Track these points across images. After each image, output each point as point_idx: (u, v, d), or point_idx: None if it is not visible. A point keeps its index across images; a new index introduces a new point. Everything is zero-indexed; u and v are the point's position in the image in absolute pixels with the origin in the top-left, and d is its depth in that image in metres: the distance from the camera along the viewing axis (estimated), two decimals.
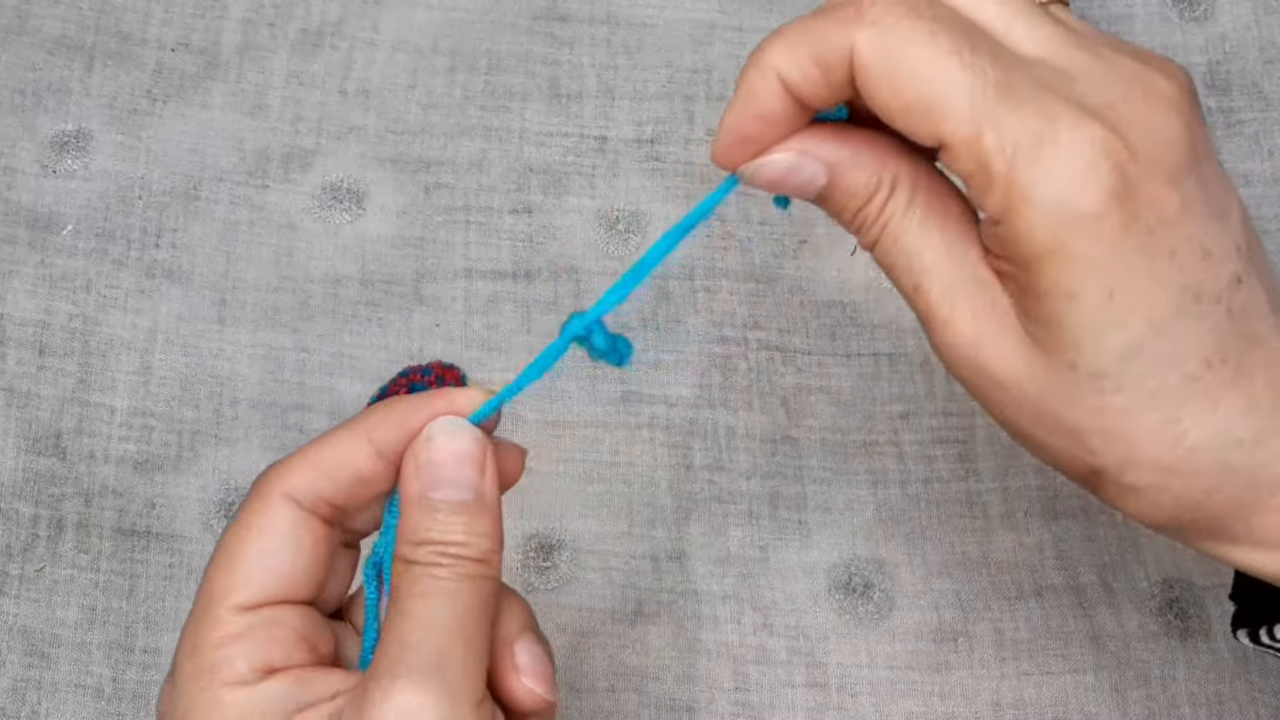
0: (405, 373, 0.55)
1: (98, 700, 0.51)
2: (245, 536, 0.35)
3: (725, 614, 0.53)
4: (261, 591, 0.34)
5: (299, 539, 0.35)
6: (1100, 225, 0.30)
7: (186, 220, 0.60)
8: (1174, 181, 0.31)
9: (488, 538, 0.34)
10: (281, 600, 0.34)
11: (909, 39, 0.31)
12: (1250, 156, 0.61)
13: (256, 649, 0.33)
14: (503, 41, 0.63)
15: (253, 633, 0.34)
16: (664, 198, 0.60)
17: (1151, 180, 0.31)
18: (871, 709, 0.51)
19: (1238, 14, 0.64)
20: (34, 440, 0.55)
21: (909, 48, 0.31)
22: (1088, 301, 0.30)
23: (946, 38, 0.31)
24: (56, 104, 0.62)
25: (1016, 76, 0.31)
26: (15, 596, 0.53)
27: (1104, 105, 0.31)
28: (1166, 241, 0.31)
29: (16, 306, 0.58)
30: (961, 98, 0.30)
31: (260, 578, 0.34)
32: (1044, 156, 0.30)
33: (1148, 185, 0.31)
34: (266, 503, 0.35)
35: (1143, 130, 0.31)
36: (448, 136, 0.61)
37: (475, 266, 0.59)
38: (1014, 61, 0.31)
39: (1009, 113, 0.30)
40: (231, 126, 0.61)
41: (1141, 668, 0.52)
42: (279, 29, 0.64)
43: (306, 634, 0.35)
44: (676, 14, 0.64)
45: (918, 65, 0.31)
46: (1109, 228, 0.30)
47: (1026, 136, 0.30)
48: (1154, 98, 0.32)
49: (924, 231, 0.33)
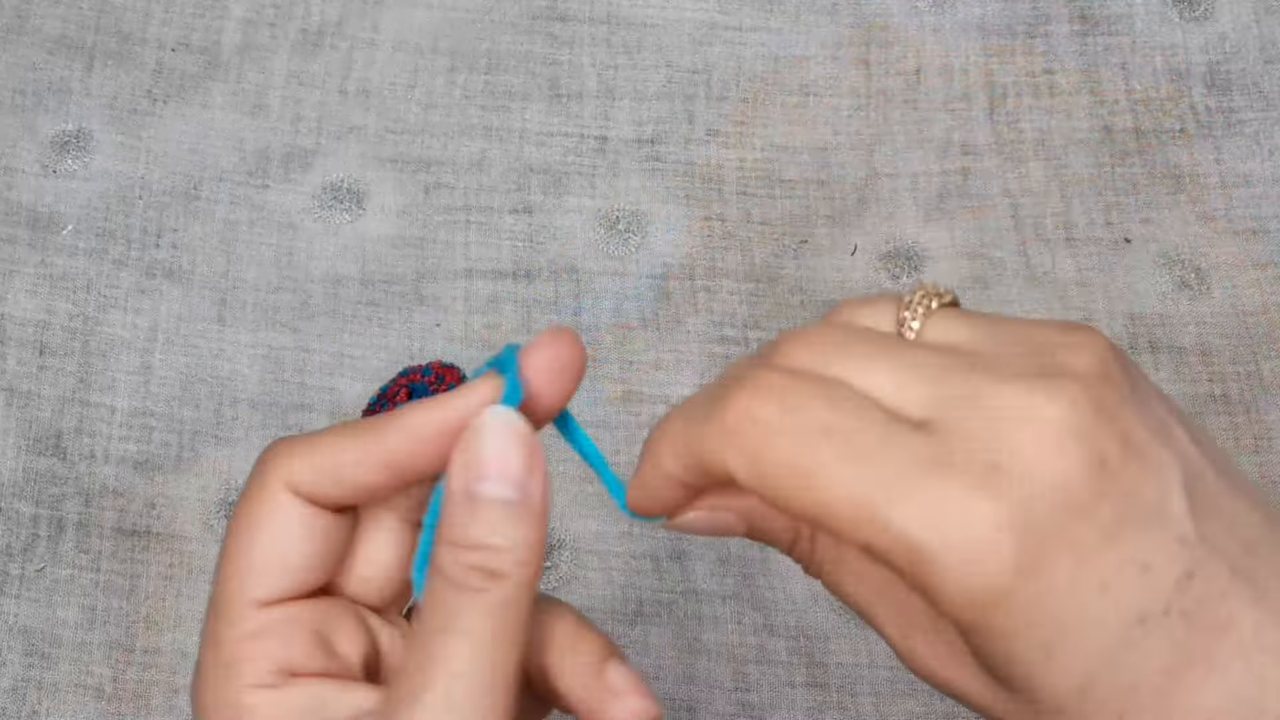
0: (405, 373, 0.55)
1: (98, 700, 0.51)
2: (254, 527, 0.34)
3: (725, 614, 0.53)
4: (277, 587, 0.33)
5: (307, 530, 0.34)
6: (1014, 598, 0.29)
7: (187, 220, 0.60)
8: (1086, 514, 0.29)
9: (526, 546, 0.32)
10: (298, 595, 0.34)
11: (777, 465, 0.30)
12: (1250, 156, 0.61)
13: (276, 649, 0.33)
14: (503, 41, 0.63)
15: (272, 631, 0.33)
16: (664, 198, 0.60)
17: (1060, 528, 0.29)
18: (871, 709, 0.51)
19: (1238, 14, 0.64)
20: (34, 440, 0.55)
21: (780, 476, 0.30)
22: (1026, 663, 0.30)
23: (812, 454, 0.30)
24: (57, 104, 0.62)
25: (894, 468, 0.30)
26: (15, 596, 0.53)
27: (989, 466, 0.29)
28: (1094, 578, 0.29)
29: (17, 306, 0.58)
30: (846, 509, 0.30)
31: (274, 572, 0.33)
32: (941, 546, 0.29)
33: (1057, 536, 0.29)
34: (271, 494, 0.34)
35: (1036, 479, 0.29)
36: (448, 136, 0.61)
37: (475, 266, 0.59)
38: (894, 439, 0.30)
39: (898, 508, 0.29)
40: (232, 126, 0.61)
41: None
42: (279, 29, 0.64)
43: (326, 633, 0.34)
44: (676, 14, 0.64)
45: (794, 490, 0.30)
46: (1026, 596, 0.29)
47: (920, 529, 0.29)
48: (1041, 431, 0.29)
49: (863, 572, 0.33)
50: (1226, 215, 0.60)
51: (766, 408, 0.31)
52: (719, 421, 0.31)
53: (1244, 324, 0.58)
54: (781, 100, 0.62)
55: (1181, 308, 0.58)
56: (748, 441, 0.31)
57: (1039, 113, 0.62)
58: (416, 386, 0.54)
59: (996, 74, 0.63)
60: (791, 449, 0.30)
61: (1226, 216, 0.60)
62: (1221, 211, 0.60)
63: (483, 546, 0.32)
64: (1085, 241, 0.59)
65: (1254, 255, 0.59)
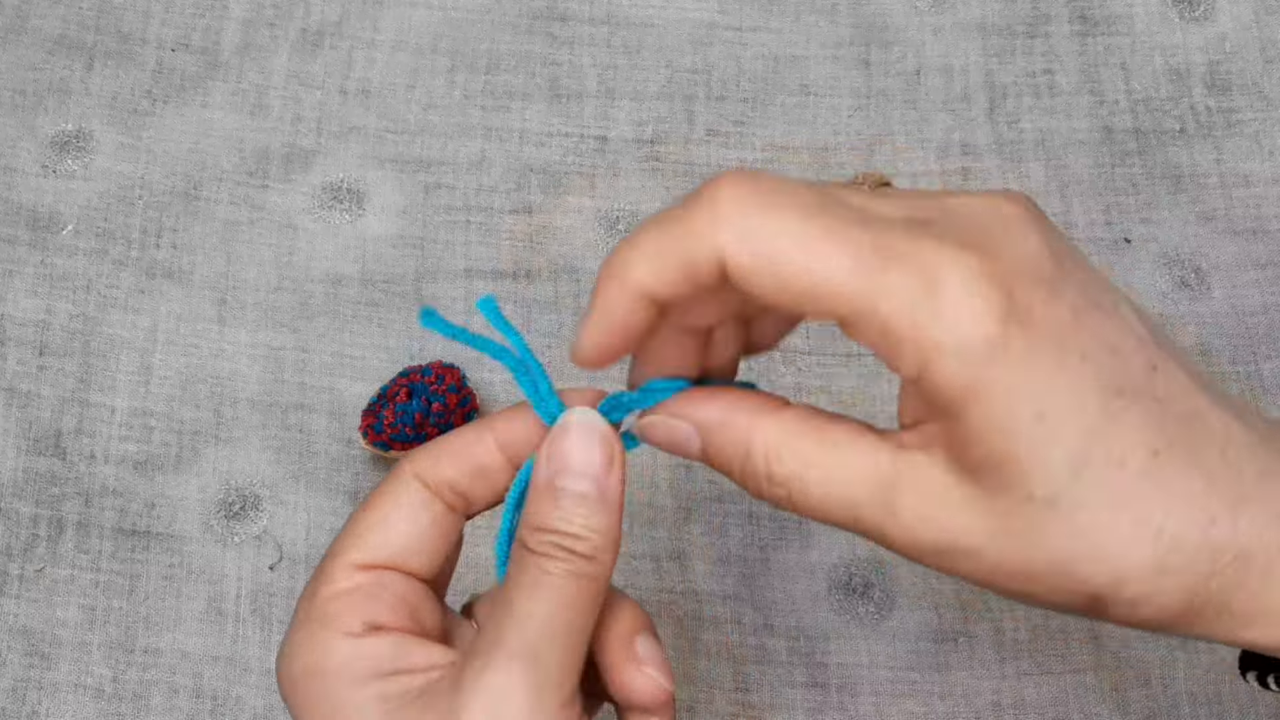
0: (405, 373, 0.55)
1: (98, 700, 0.51)
2: (372, 504, 0.37)
3: (725, 614, 0.53)
4: (375, 554, 0.36)
5: (419, 514, 0.37)
6: (1007, 349, 0.30)
7: (186, 220, 0.60)
8: (1055, 291, 0.31)
9: (600, 534, 0.35)
10: (392, 566, 0.37)
11: (775, 234, 0.31)
12: (1250, 156, 0.61)
13: (365, 605, 0.36)
14: (503, 41, 0.63)
15: (362, 590, 0.36)
16: (664, 198, 0.60)
17: (1036, 293, 0.31)
18: (871, 709, 0.51)
19: (1238, 14, 0.64)
20: (34, 440, 0.55)
21: (778, 242, 0.31)
22: (1020, 428, 0.30)
23: (810, 220, 0.31)
24: (57, 104, 0.62)
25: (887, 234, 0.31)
26: (15, 596, 0.53)
27: (968, 238, 0.31)
28: (1074, 347, 0.31)
29: (17, 306, 0.58)
30: (845, 276, 0.31)
31: (376, 541, 0.37)
32: (937, 301, 0.30)
33: (1036, 300, 0.31)
34: (398, 478, 0.37)
35: (1010, 249, 0.31)
36: (448, 136, 0.61)
37: (475, 266, 0.59)
38: (878, 219, 0.31)
39: (893, 273, 0.30)
40: (231, 126, 0.61)
41: (1141, 668, 0.52)
42: (279, 29, 0.64)
43: (411, 602, 0.37)
44: (676, 14, 0.64)
45: (792, 257, 0.31)
46: (1016, 349, 0.30)
47: (917, 289, 0.30)
48: (1006, 220, 0.32)
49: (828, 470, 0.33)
50: (1226, 215, 0.60)
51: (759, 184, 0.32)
52: (708, 208, 0.32)
53: (1244, 324, 0.58)
54: (781, 100, 0.62)
55: (1181, 308, 0.58)
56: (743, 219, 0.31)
57: (1039, 113, 0.62)
58: (416, 386, 0.54)
59: (996, 74, 0.63)
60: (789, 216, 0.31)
61: (1226, 216, 0.60)
62: (1221, 211, 0.60)
63: (562, 533, 0.35)
64: (1085, 241, 0.59)
65: (1254, 255, 0.59)
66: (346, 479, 0.55)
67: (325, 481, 0.55)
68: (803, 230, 0.31)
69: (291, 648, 0.36)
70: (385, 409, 0.53)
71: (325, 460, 0.55)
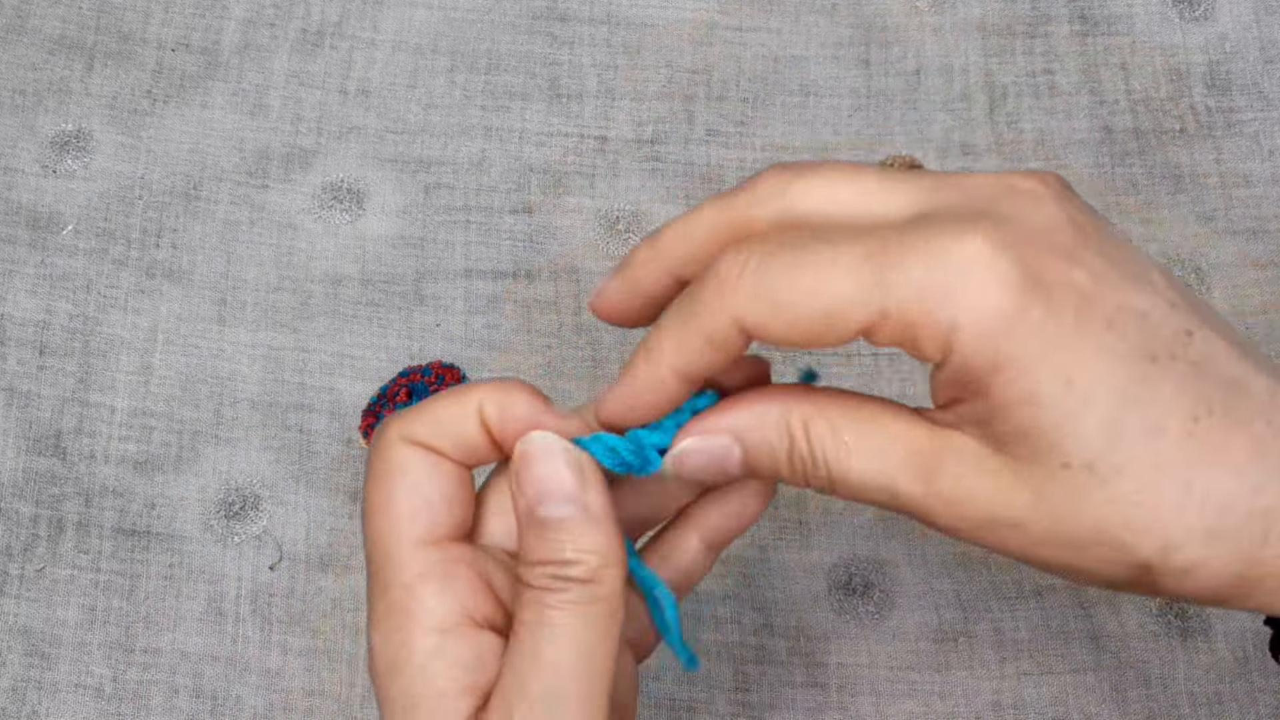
0: (405, 373, 0.55)
1: (98, 700, 0.51)
2: (389, 477, 0.35)
3: (725, 614, 0.53)
4: (429, 525, 0.35)
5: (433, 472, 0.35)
6: (1026, 319, 0.30)
7: (186, 220, 0.60)
8: (1073, 258, 0.31)
9: (595, 553, 0.33)
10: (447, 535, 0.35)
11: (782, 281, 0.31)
12: (1250, 156, 0.61)
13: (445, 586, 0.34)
14: (503, 41, 0.63)
15: (436, 571, 0.34)
16: (664, 198, 0.60)
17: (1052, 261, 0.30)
18: (871, 709, 0.51)
19: (1238, 14, 0.64)
20: (34, 440, 0.55)
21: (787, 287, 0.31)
22: (1049, 397, 0.30)
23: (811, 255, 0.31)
24: (56, 104, 0.62)
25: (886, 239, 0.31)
26: (15, 596, 0.53)
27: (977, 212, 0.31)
28: (1098, 315, 0.30)
29: (16, 306, 0.58)
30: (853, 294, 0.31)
31: (421, 512, 0.35)
32: (948, 281, 0.30)
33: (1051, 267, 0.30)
34: (393, 447, 0.35)
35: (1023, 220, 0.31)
36: (448, 136, 0.61)
37: (475, 266, 0.59)
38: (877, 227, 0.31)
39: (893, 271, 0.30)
40: (231, 126, 0.61)
41: (1141, 668, 0.52)
42: (279, 29, 0.64)
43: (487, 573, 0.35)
44: (676, 14, 0.64)
45: (801, 296, 0.31)
46: (1036, 318, 0.30)
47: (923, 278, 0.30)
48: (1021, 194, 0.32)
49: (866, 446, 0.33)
50: (1226, 215, 0.60)
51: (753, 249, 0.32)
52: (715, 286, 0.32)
53: (1244, 324, 0.58)
54: (781, 100, 0.62)
55: None
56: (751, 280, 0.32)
57: (1039, 113, 0.62)
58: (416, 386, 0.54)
59: (996, 74, 0.63)
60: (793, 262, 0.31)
61: (1226, 216, 0.60)
62: (1221, 211, 0.60)
63: (555, 562, 0.33)
64: None
65: (1254, 255, 0.59)
66: (346, 479, 0.55)
67: (325, 481, 0.55)
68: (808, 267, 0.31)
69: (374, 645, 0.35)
70: (385, 409, 0.53)
71: (325, 460, 0.55)
